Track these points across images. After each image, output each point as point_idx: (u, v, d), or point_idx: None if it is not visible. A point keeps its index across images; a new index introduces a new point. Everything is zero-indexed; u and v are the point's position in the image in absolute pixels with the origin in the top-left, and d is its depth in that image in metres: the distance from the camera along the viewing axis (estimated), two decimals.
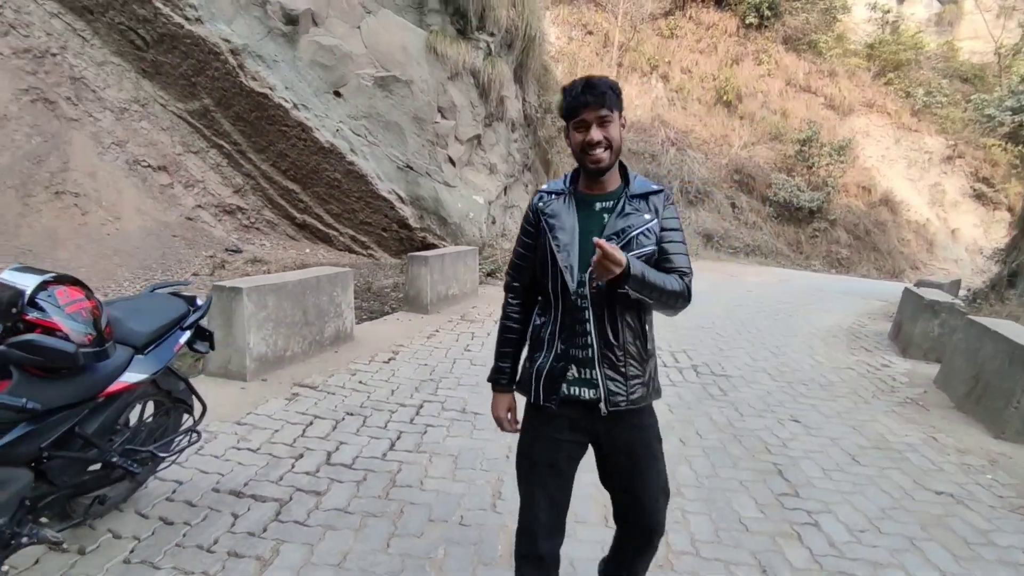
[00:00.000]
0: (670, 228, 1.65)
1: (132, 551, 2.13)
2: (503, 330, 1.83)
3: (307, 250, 10.07)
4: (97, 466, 2.01)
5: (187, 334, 2.28)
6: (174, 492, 2.54)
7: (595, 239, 1.45)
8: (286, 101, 9.12)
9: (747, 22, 21.05)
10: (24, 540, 1.71)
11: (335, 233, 10.02)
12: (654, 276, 1.54)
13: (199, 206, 10.08)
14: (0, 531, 1.63)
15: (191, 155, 10.21)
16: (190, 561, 2.11)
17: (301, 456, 2.97)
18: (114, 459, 1.99)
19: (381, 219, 9.62)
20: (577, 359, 1.63)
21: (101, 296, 8.08)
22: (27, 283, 1.67)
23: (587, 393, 1.63)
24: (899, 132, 20.22)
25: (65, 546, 1.79)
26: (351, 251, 10.10)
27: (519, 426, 1.78)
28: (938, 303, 5.80)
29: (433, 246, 9.28)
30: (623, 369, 1.62)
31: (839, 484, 3.16)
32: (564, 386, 1.64)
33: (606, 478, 1.77)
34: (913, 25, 24.58)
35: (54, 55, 10.06)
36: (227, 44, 9.06)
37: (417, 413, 3.63)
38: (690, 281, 1.64)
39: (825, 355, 5.89)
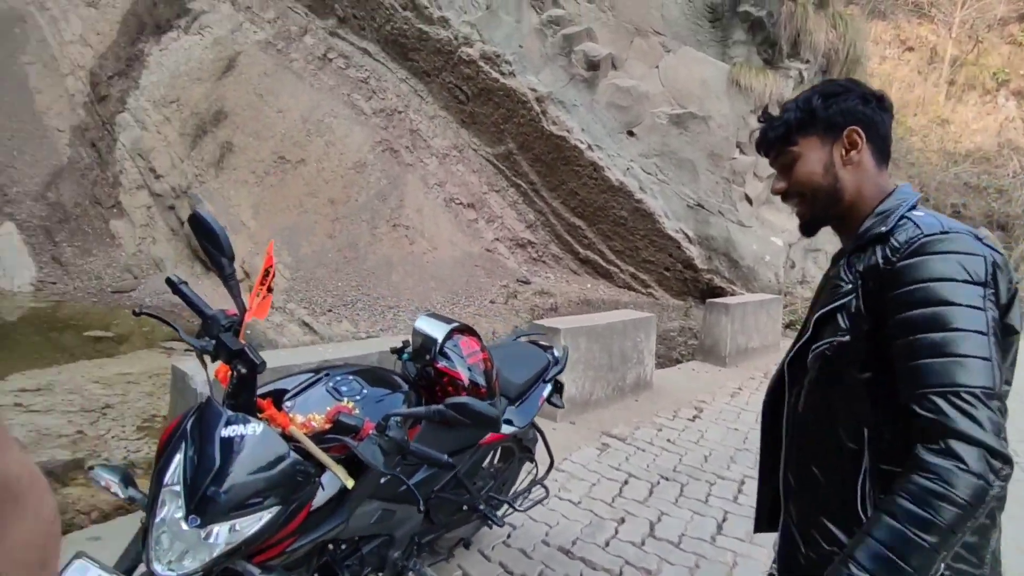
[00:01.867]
0: (913, 301, 0.91)
1: None
2: None
3: (588, 285, 10.34)
4: (463, 509, 2.06)
5: (548, 387, 2.28)
6: (509, 537, 2.57)
7: None
8: (581, 142, 9.54)
9: None
10: (410, 574, 1.78)
11: (616, 270, 10.08)
12: (873, 552, 0.85)
13: (497, 239, 11.17)
14: (395, 563, 1.71)
15: (493, 193, 11.40)
16: None
17: (623, 520, 2.81)
18: (480, 505, 2.03)
19: (665, 258, 9.37)
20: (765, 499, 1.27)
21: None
22: (438, 333, 1.76)
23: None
24: None
25: None
26: (631, 288, 10.05)
27: None
28: None
29: (720, 289, 8.67)
30: (811, 529, 1.10)
31: None
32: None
33: None
34: None
35: (400, 112, 12.26)
36: (533, 92, 9.89)
37: (739, 491, 3.21)
38: (959, 424, 0.83)
39: None
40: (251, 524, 1.16)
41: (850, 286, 1.02)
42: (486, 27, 10.24)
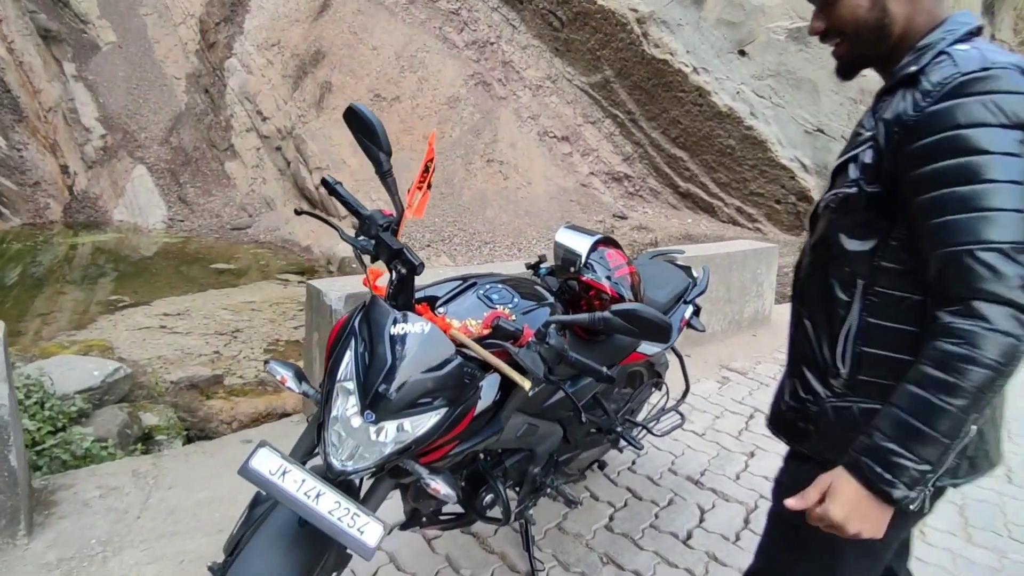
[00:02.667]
0: (941, 151, 0.82)
1: (611, 519, 2.15)
2: None
3: (688, 220, 9.87)
4: (599, 430, 2.01)
5: (690, 308, 2.14)
6: (634, 463, 2.52)
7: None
8: (686, 65, 8.88)
9: None
10: (548, 491, 1.76)
11: (719, 204, 9.52)
12: (899, 423, 0.81)
13: (592, 173, 10.82)
14: (535, 479, 1.69)
15: (589, 125, 10.97)
16: (671, 552, 2.01)
17: (752, 454, 2.68)
18: (618, 428, 1.97)
19: (776, 190, 8.71)
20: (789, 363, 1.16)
21: (516, 251, 9.24)
22: (583, 245, 1.66)
23: (788, 418, 1.13)
24: None
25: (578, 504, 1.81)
26: (735, 223, 9.49)
27: None
28: None
29: None
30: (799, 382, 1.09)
31: None
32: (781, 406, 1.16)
33: None
34: None
35: (492, 44, 11.92)
36: (634, 13, 9.23)
37: None
38: (977, 282, 0.78)
39: None
40: (421, 424, 1.15)
41: (869, 134, 0.93)
42: None
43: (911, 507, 0.82)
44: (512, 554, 1.90)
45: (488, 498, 1.48)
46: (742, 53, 8.44)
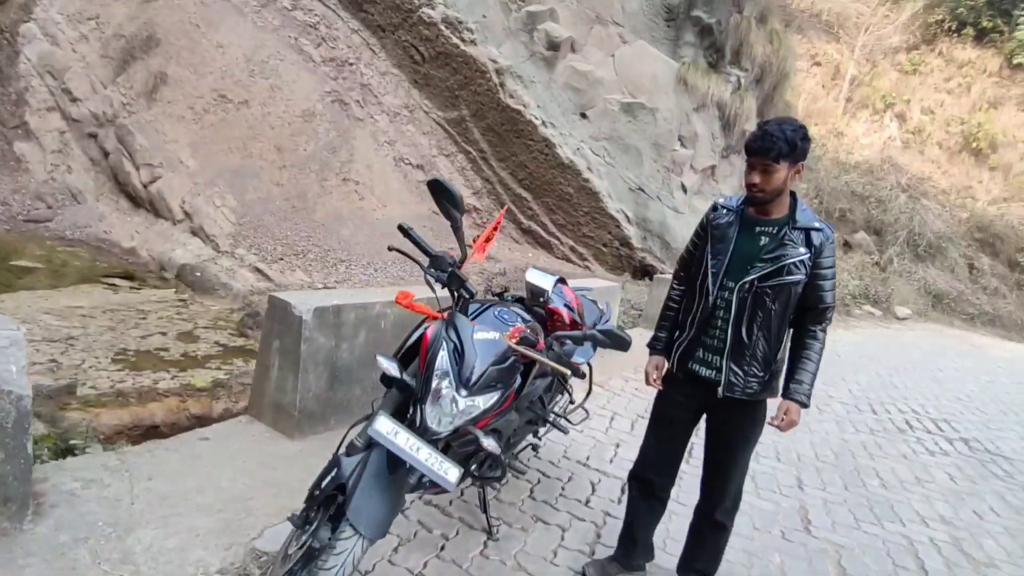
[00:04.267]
0: (827, 267, 1.94)
1: (531, 492, 2.76)
2: (665, 308, 2.23)
3: (529, 254, 10.97)
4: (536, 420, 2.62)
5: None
6: (537, 451, 3.14)
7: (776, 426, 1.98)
8: (536, 118, 10.03)
9: (1014, 62, 18.49)
10: (508, 462, 2.34)
11: (556, 242, 10.77)
12: (812, 377, 1.99)
13: None
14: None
15: (443, 158, 11.64)
16: (577, 511, 2.68)
17: (618, 445, 3.47)
18: (550, 418, 2.60)
19: (604, 235, 10.18)
20: (706, 345, 2.02)
21: (372, 271, 9.45)
22: (547, 283, 2.29)
23: (706, 373, 2.02)
24: None
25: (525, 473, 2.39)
26: (568, 260, 10.79)
27: (660, 385, 2.17)
28: None
29: (651, 267, 9.63)
30: (746, 367, 1.97)
31: None
32: (690, 362, 2.05)
33: (707, 451, 2.18)
34: None
35: (351, 64, 12.08)
36: (493, 64, 10.20)
37: None
38: (831, 316, 2.01)
39: None
40: (487, 400, 1.66)
41: (803, 249, 1.91)
42: None
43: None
44: (468, 518, 2.41)
45: (488, 463, 2.01)
46: (583, 116, 9.83)
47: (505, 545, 2.32)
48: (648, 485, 2.23)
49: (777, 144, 1.80)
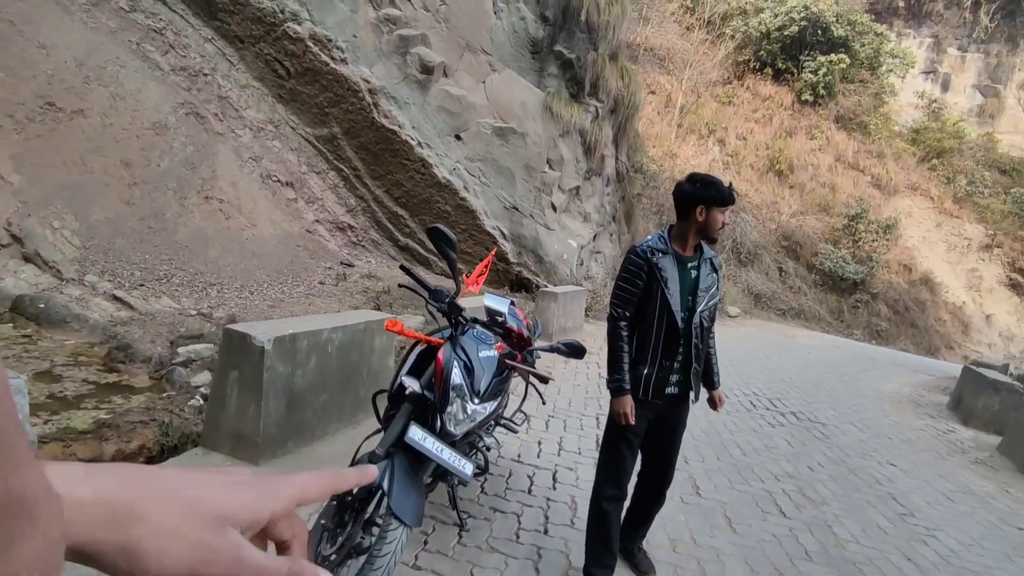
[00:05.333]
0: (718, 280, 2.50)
1: (483, 488, 3.11)
2: (619, 349, 2.38)
3: None
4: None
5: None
6: (499, 449, 3.51)
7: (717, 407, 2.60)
8: (412, 139, 10.31)
9: (802, 98, 22.34)
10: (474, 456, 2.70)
11: (434, 258, 11.07)
12: (716, 366, 2.58)
13: (317, 221, 11.24)
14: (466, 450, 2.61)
15: (314, 175, 11.43)
16: (525, 498, 3.09)
17: (540, 443, 3.93)
18: (501, 419, 2.98)
19: (482, 251, 10.68)
20: (670, 368, 2.37)
21: (248, 294, 9.07)
22: (503, 306, 2.69)
23: (673, 390, 2.40)
24: (940, 216, 21.19)
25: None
26: (447, 276, 11.14)
27: (632, 420, 2.36)
28: (999, 382, 6.68)
29: (528, 280, 10.32)
30: (697, 375, 2.44)
31: (942, 513, 4.06)
32: (666, 387, 2.39)
33: (648, 446, 2.53)
34: (956, 114, 25.80)
35: (206, 75, 11.46)
36: (366, 84, 10.33)
37: (581, 425, 4.60)
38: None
39: (897, 417, 6.78)
40: (490, 407, 2.02)
41: (715, 275, 2.44)
42: (318, 9, 10.30)
43: None
44: (440, 515, 2.72)
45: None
46: (458, 138, 10.30)
47: (476, 534, 2.65)
48: (622, 499, 2.50)
49: (731, 193, 2.32)
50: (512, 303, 2.80)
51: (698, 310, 2.34)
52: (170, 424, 4.60)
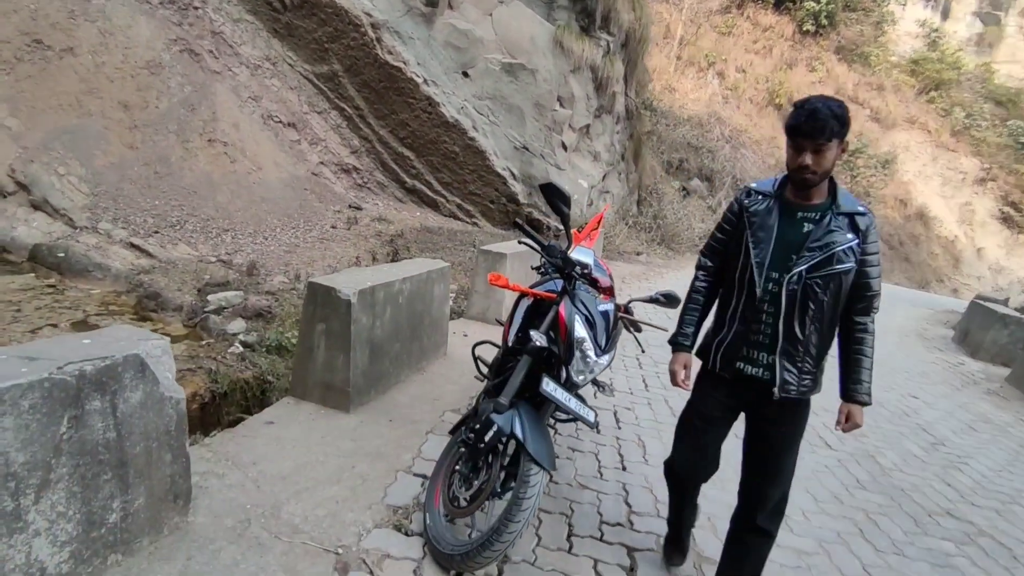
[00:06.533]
0: (872, 253, 1.78)
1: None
2: (690, 300, 2.03)
3: (417, 213, 11.05)
4: None
5: None
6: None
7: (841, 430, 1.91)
8: (417, 76, 9.99)
9: (804, 28, 21.77)
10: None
11: (442, 200, 10.99)
12: (870, 374, 1.86)
13: (322, 163, 11.00)
14: None
15: (315, 115, 11.07)
16: (599, 439, 3.24)
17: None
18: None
19: (491, 192, 10.60)
20: (753, 342, 1.86)
21: (262, 239, 9.02)
22: (589, 258, 2.73)
23: (755, 371, 1.86)
24: (937, 150, 21.23)
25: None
26: (455, 218, 11.08)
27: (690, 384, 2.02)
28: (1008, 316, 6.95)
29: (538, 221, 10.30)
30: (799, 364, 1.81)
31: (968, 442, 4.32)
32: (737, 361, 1.88)
33: (747, 452, 2.00)
34: (954, 43, 25.39)
35: (196, 9, 10.87)
36: (368, 18, 9.88)
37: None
38: (878, 304, 1.88)
39: (908, 351, 7.05)
40: (610, 357, 2.11)
41: (850, 235, 1.75)
42: None
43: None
44: None
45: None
46: (465, 75, 9.99)
47: (563, 472, 2.81)
48: (682, 484, 2.10)
49: (829, 123, 1.66)
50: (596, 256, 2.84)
51: (793, 270, 1.77)
52: (216, 371, 4.68)
